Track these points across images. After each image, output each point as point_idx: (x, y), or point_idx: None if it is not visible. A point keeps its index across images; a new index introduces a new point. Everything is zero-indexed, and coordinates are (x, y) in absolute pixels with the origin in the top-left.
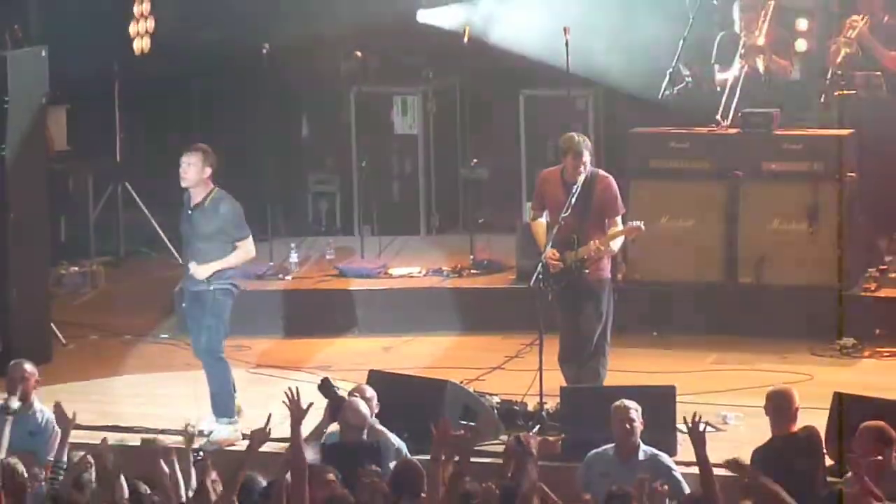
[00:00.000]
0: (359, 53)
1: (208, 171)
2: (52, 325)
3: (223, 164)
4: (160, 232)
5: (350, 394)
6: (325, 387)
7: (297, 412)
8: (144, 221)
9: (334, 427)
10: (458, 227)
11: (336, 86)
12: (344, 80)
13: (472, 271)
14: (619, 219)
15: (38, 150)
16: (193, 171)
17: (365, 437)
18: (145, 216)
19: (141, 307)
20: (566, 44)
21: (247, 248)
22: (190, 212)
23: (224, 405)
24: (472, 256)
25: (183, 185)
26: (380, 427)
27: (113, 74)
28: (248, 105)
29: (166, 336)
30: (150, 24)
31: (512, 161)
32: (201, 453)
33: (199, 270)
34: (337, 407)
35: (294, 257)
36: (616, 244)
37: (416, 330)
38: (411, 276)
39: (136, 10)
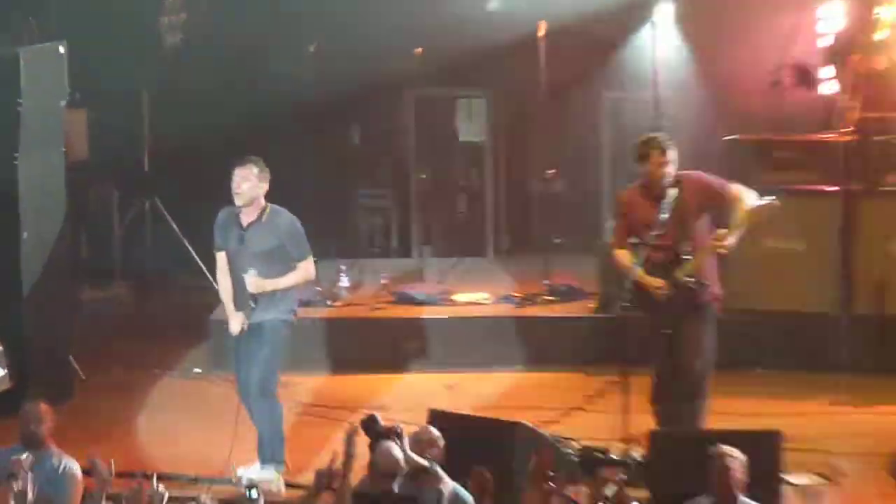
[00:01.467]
0: (419, 51)
1: (264, 186)
2: (70, 357)
3: None
4: (192, 252)
5: (412, 437)
6: (370, 424)
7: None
8: (175, 240)
9: None
10: (531, 247)
11: (392, 88)
12: (401, 81)
13: (548, 298)
14: (737, 189)
15: (55, 160)
16: (248, 186)
17: (396, 488)
18: (176, 234)
19: (171, 337)
20: (653, 39)
21: (307, 269)
22: (243, 231)
23: (273, 450)
24: (546, 281)
25: (237, 202)
26: (442, 475)
27: (141, 73)
28: (292, 109)
29: (200, 370)
30: (183, 17)
31: (593, 172)
32: (254, 493)
33: (255, 282)
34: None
35: (344, 282)
36: (735, 236)
37: (483, 365)
38: (478, 304)
39: (166, 0)
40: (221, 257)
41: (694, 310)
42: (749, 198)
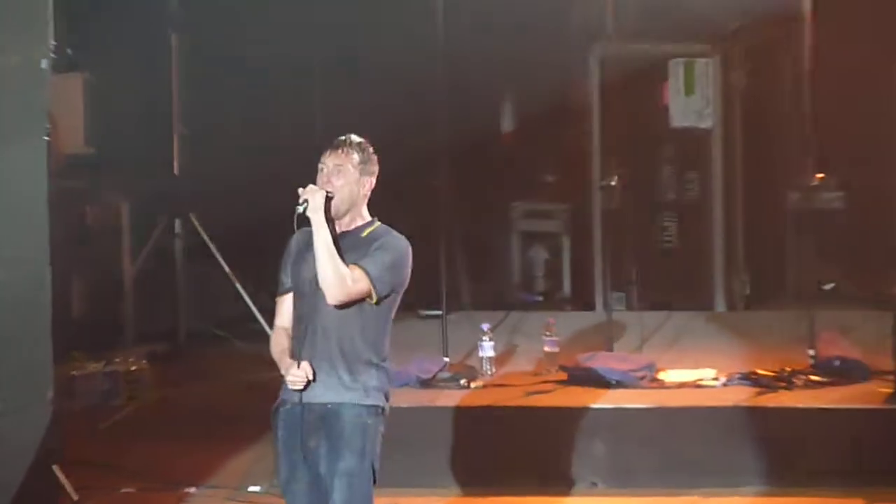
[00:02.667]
0: None
1: (368, 185)
2: (54, 467)
3: None
4: (248, 300)
5: None
6: None
7: None
8: (220, 281)
9: None
10: (786, 297)
11: (567, 43)
12: (581, 32)
13: (812, 379)
14: None
15: (33, 156)
16: (344, 182)
17: None
18: (222, 271)
19: (213, 436)
20: None
21: (354, 278)
22: None
23: None
24: (811, 351)
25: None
26: None
27: (168, 18)
28: (404, 74)
29: (259, 489)
30: None
31: (887, 180)
32: None
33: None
34: None
35: (488, 350)
36: None
37: (705, 482)
38: (699, 386)
39: None
40: (285, 304)
41: None
42: None
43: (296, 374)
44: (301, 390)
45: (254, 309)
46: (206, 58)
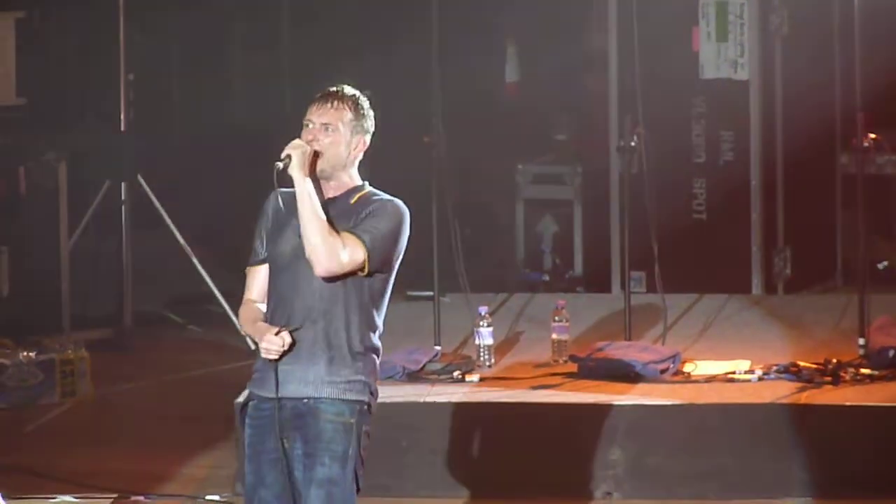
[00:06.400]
0: None
1: (361, 143)
2: None
3: None
4: (207, 279)
5: None
6: None
7: None
8: (174, 256)
9: None
10: (834, 277)
11: None
12: None
13: (864, 372)
14: None
15: None
16: (332, 141)
17: None
18: (176, 244)
19: (167, 436)
20: None
21: (344, 246)
22: None
23: None
24: (861, 340)
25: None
26: None
27: None
28: (388, 10)
29: (219, 497)
30: None
31: None
32: None
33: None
34: None
35: (486, 336)
36: None
37: (737, 492)
38: (731, 380)
39: None
40: (258, 276)
41: None
42: None
43: (271, 342)
44: (276, 360)
45: (214, 289)
46: None
